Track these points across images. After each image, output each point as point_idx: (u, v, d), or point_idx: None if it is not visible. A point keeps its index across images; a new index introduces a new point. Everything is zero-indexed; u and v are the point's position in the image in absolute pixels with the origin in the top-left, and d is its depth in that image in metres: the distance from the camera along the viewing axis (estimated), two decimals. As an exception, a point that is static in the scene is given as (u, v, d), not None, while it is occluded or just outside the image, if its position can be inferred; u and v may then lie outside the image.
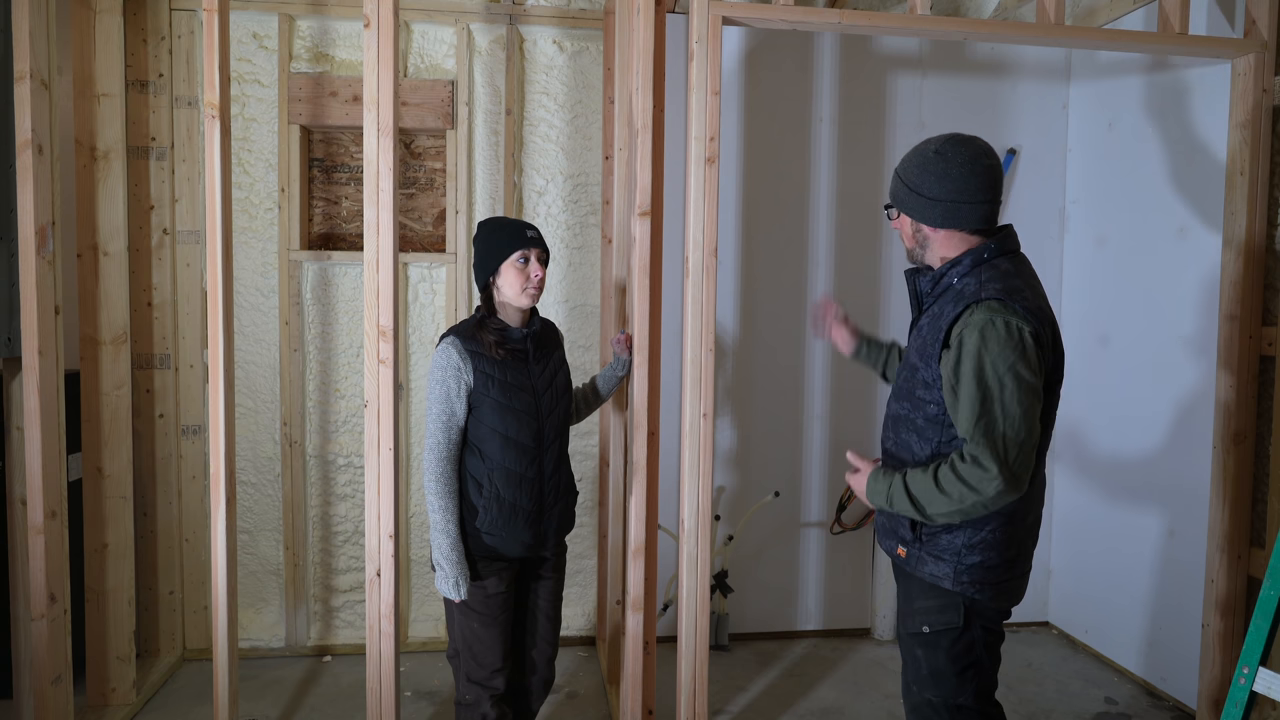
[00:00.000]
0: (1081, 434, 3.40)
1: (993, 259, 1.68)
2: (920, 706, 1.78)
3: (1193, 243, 2.85)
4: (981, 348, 1.56)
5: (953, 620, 1.70)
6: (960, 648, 1.72)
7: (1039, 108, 3.48)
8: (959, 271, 1.69)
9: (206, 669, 3.01)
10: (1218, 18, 2.74)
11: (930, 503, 1.60)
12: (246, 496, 3.19)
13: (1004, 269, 1.66)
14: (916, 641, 1.76)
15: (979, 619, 1.72)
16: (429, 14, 3.10)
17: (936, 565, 1.70)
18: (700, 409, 2.34)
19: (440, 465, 1.94)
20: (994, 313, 1.57)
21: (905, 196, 1.74)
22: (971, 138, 1.71)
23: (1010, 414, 1.55)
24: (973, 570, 1.68)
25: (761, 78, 3.33)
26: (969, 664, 1.72)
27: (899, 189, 1.76)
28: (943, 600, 1.71)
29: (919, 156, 1.73)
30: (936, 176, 1.68)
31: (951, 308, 1.64)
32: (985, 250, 1.68)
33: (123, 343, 2.74)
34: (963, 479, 1.55)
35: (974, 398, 1.56)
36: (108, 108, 2.70)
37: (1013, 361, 1.55)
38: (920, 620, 1.75)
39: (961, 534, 1.68)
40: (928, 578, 1.72)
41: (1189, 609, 2.83)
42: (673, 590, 3.24)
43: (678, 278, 3.09)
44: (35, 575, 2.23)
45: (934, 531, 1.70)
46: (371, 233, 2.27)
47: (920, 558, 1.73)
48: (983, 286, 1.62)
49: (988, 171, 1.67)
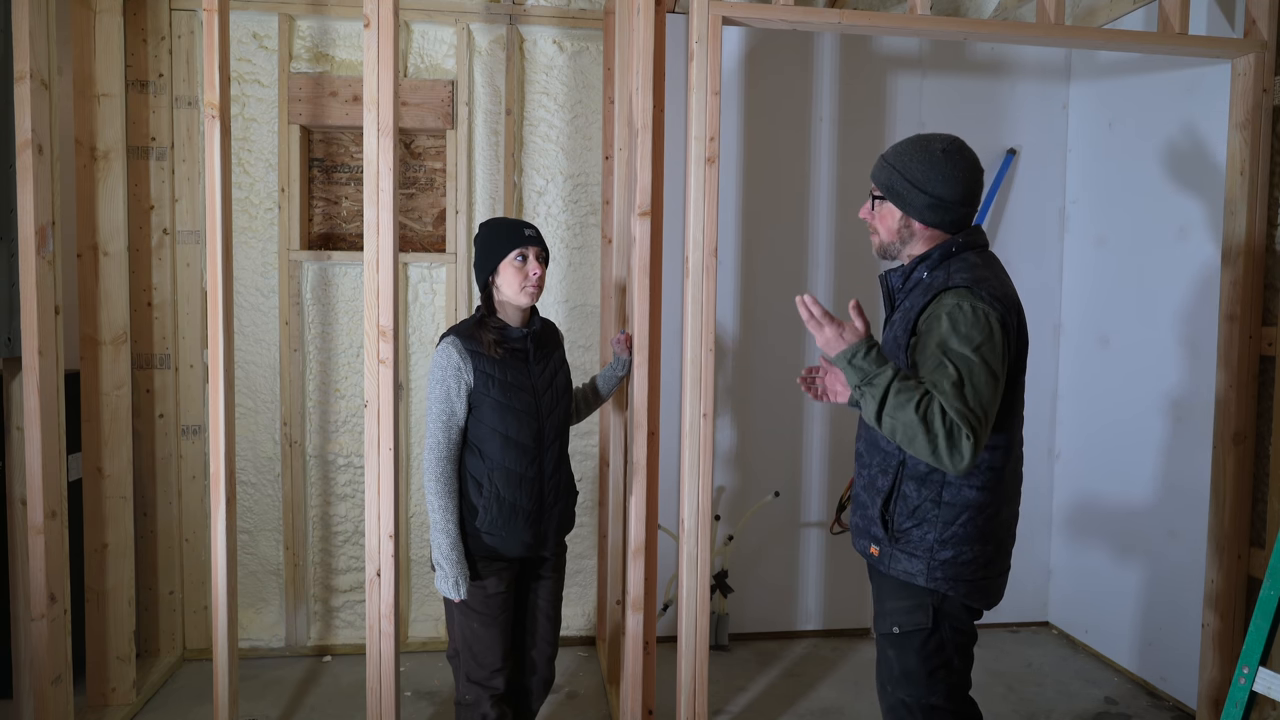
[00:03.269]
0: (1081, 433, 3.40)
1: (960, 252, 1.71)
2: (895, 707, 1.79)
3: (1193, 243, 2.85)
4: (951, 330, 1.57)
5: (921, 621, 1.71)
6: (930, 648, 1.72)
7: (1039, 108, 3.48)
8: (927, 265, 1.71)
9: (206, 669, 3.01)
10: (1218, 18, 2.74)
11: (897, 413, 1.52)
12: (246, 496, 3.19)
13: (971, 261, 1.68)
14: (888, 642, 1.77)
15: (948, 619, 1.72)
16: (429, 14, 3.10)
17: (910, 562, 1.71)
18: (700, 409, 2.34)
19: (440, 465, 1.94)
20: (961, 298, 1.59)
21: (905, 191, 1.71)
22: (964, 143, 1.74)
23: (980, 394, 1.53)
24: (945, 566, 1.68)
25: (761, 78, 3.33)
26: (939, 664, 1.73)
27: (897, 183, 1.72)
28: (912, 601, 1.72)
29: (924, 154, 1.70)
30: (944, 178, 1.68)
31: (920, 298, 1.67)
32: (953, 245, 1.71)
33: (123, 343, 2.74)
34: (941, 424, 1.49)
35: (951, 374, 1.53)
36: (108, 108, 2.70)
37: (979, 343, 1.56)
38: (890, 621, 1.76)
39: (932, 529, 1.68)
40: (901, 575, 1.72)
41: (1189, 609, 2.83)
42: (673, 590, 3.24)
43: (678, 278, 3.09)
44: (35, 575, 2.23)
45: (905, 528, 1.71)
46: (371, 233, 2.27)
47: (893, 555, 1.73)
48: (950, 276, 1.65)
49: (981, 179, 1.74)
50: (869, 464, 1.80)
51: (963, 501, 1.68)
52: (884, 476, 1.75)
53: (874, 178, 1.78)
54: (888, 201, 1.74)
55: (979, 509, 1.68)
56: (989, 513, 1.70)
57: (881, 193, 1.75)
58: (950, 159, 1.69)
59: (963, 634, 1.74)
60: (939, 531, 1.68)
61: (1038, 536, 3.54)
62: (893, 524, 1.73)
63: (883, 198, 1.75)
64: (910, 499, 1.70)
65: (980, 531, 1.69)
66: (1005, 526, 1.74)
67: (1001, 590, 1.78)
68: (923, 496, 1.69)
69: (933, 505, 1.69)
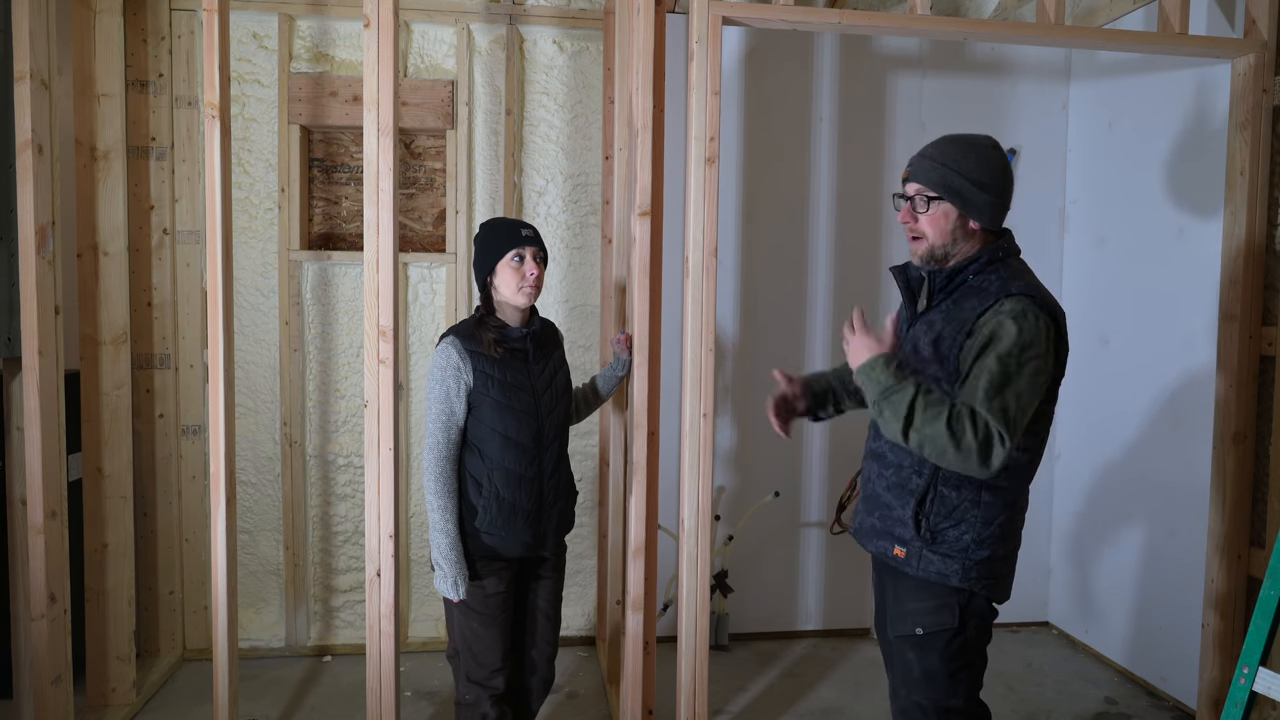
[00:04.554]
0: (1081, 434, 3.40)
1: (1005, 258, 1.71)
2: (909, 710, 1.77)
3: (1192, 243, 2.84)
4: (1017, 334, 1.57)
5: (948, 621, 1.70)
6: (954, 649, 1.71)
7: (1039, 108, 3.48)
8: (974, 269, 1.69)
9: (206, 669, 3.01)
10: (1218, 18, 2.74)
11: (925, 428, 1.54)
12: (246, 496, 3.19)
13: (1018, 267, 1.70)
14: (908, 644, 1.75)
15: (974, 618, 1.71)
16: (429, 14, 3.10)
17: (945, 563, 1.69)
18: (700, 409, 2.34)
19: (440, 465, 1.94)
20: (1027, 307, 1.59)
21: (967, 190, 1.65)
22: None
23: (1024, 400, 1.56)
24: (981, 565, 1.68)
25: (761, 78, 3.33)
26: (962, 665, 1.72)
27: (956, 182, 1.65)
28: (937, 601, 1.70)
29: (975, 151, 1.67)
30: (994, 173, 1.67)
31: (976, 302, 1.65)
32: (998, 249, 1.70)
33: (123, 343, 2.74)
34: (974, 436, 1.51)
35: (995, 375, 1.55)
36: (108, 108, 2.70)
37: (1035, 352, 1.57)
38: (912, 622, 1.73)
39: (970, 530, 1.67)
40: (934, 577, 1.69)
41: (1189, 609, 2.83)
42: (673, 590, 3.24)
43: (678, 278, 3.09)
44: (35, 575, 2.23)
45: (941, 529, 1.69)
46: (371, 233, 2.27)
47: (924, 557, 1.70)
48: (1007, 282, 1.64)
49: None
50: (895, 464, 1.75)
51: (1002, 502, 1.69)
52: (918, 477, 1.71)
53: (923, 179, 1.69)
54: (944, 202, 1.67)
55: (1016, 509, 1.72)
56: (1019, 510, 1.73)
57: (938, 193, 1.67)
58: (1000, 155, 1.70)
59: (986, 632, 1.75)
60: (976, 532, 1.68)
61: (1038, 536, 3.54)
62: (927, 524, 1.70)
63: (938, 198, 1.67)
64: (949, 499, 1.68)
65: (1011, 529, 1.72)
66: (1023, 522, 1.78)
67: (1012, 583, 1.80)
68: (962, 497, 1.68)
69: (972, 505, 1.68)
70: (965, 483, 1.68)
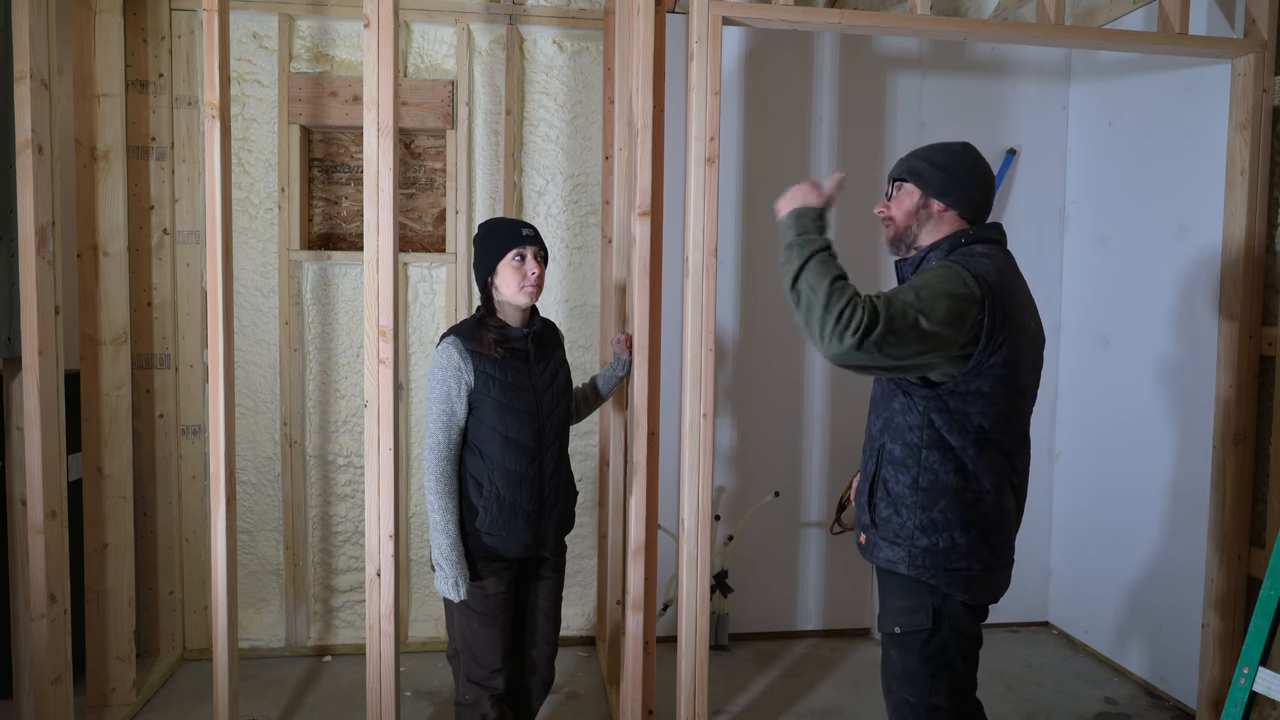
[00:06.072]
0: (1081, 434, 3.40)
1: (969, 244, 1.74)
2: (900, 706, 1.80)
3: (1193, 243, 2.84)
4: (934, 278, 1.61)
5: (922, 622, 1.71)
6: (931, 649, 1.72)
7: (1039, 108, 3.48)
8: (937, 255, 1.75)
9: (206, 669, 3.01)
10: (1218, 18, 2.74)
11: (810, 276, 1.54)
12: (246, 496, 3.19)
13: (978, 252, 1.71)
14: (890, 642, 1.79)
15: (949, 620, 1.72)
16: (429, 14, 3.10)
17: (891, 550, 1.73)
18: (700, 409, 2.34)
19: (440, 465, 1.94)
20: (946, 267, 1.64)
21: (926, 171, 1.76)
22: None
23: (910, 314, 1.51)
24: (926, 555, 1.69)
25: (761, 78, 3.33)
26: (941, 665, 1.73)
27: (916, 165, 1.78)
28: (913, 600, 1.72)
29: (945, 146, 1.81)
30: (960, 161, 1.77)
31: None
32: (963, 236, 1.75)
33: (123, 343, 2.74)
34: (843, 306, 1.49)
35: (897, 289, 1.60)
36: (108, 108, 2.70)
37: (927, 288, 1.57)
38: (892, 621, 1.77)
39: (911, 515, 1.69)
40: (884, 564, 1.75)
41: (1189, 609, 2.83)
42: (673, 590, 3.24)
43: (678, 278, 3.09)
44: (35, 575, 2.23)
45: (885, 515, 1.73)
46: (371, 233, 2.27)
47: (875, 543, 1.76)
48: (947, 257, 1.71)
49: (993, 182, 1.83)
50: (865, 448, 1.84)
51: (939, 486, 1.67)
52: (870, 460, 1.78)
53: (893, 171, 1.84)
54: (906, 183, 1.79)
55: (955, 493, 1.67)
56: (967, 498, 1.68)
57: (901, 175, 1.81)
58: (967, 150, 1.80)
59: (965, 636, 1.74)
60: (917, 519, 1.69)
61: (1038, 536, 3.54)
62: (876, 510, 1.75)
63: (901, 180, 1.80)
64: (889, 483, 1.73)
65: (961, 519, 1.68)
66: (991, 518, 1.70)
67: (998, 586, 1.76)
68: (901, 482, 1.71)
69: (910, 491, 1.70)
70: (902, 467, 1.70)
